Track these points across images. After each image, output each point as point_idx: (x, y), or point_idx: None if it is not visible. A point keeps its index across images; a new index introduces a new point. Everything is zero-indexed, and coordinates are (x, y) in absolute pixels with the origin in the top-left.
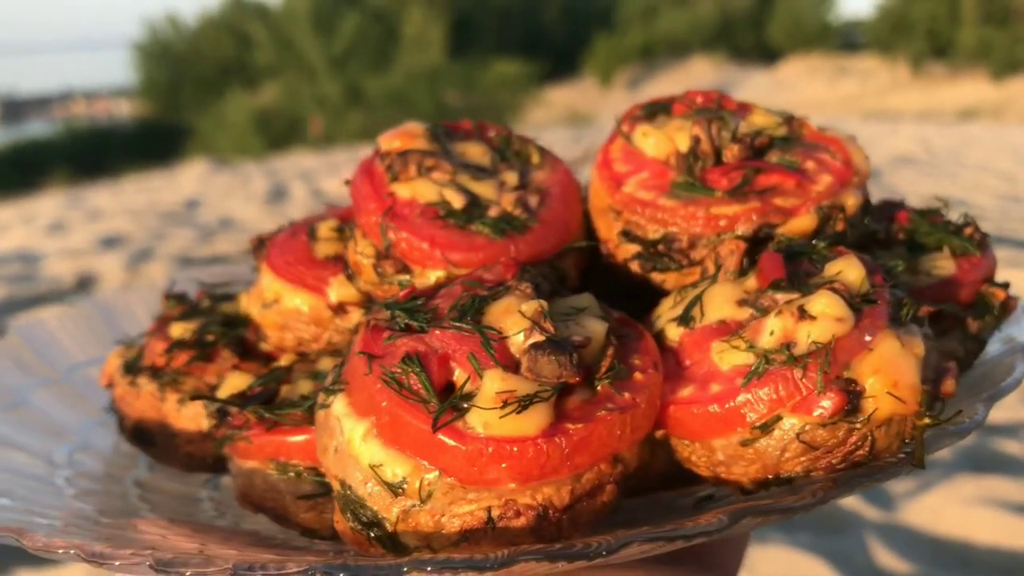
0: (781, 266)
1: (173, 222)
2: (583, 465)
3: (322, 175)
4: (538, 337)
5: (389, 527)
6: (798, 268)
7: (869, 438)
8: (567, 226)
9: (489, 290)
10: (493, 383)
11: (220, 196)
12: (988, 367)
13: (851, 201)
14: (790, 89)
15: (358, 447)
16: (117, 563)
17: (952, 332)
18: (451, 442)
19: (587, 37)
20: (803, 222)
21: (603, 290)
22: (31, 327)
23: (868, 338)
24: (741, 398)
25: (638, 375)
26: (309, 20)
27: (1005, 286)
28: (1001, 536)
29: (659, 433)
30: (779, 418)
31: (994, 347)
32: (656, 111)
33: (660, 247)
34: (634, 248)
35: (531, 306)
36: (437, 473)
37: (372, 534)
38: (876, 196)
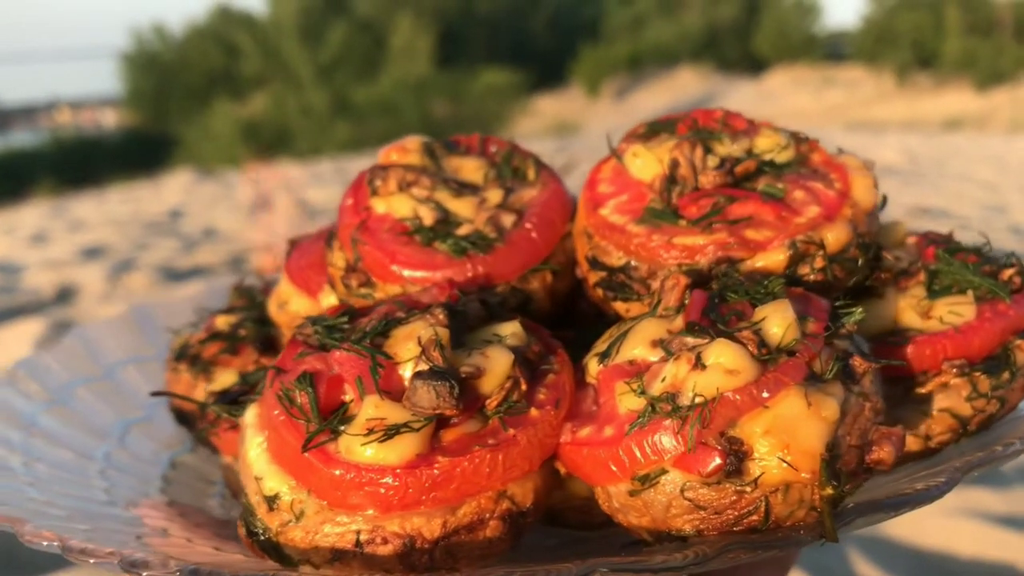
0: (700, 307)
1: (156, 232)
2: (450, 500)
3: (307, 185)
4: (423, 366)
5: (272, 538)
6: (730, 309)
7: (763, 504)
8: (535, 248)
9: (406, 313)
10: (367, 409)
11: (204, 206)
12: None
13: (834, 236)
14: (776, 99)
15: (251, 458)
16: (92, 561)
17: (949, 390)
18: (318, 464)
19: (574, 47)
20: (772, 257)
21: (593, 313)
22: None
23: (765, 395)
24: (624, 446)
25: (533, 411)
26: (296, 30)
27: None
28: (983, 547)
29: (563, 470)
30: (663, 471)
31: None
32: (659, 130)
33: (621, 275)
34: (600, 274)
35: (426, 333)
36: (307, 493)
37: (259, 543)
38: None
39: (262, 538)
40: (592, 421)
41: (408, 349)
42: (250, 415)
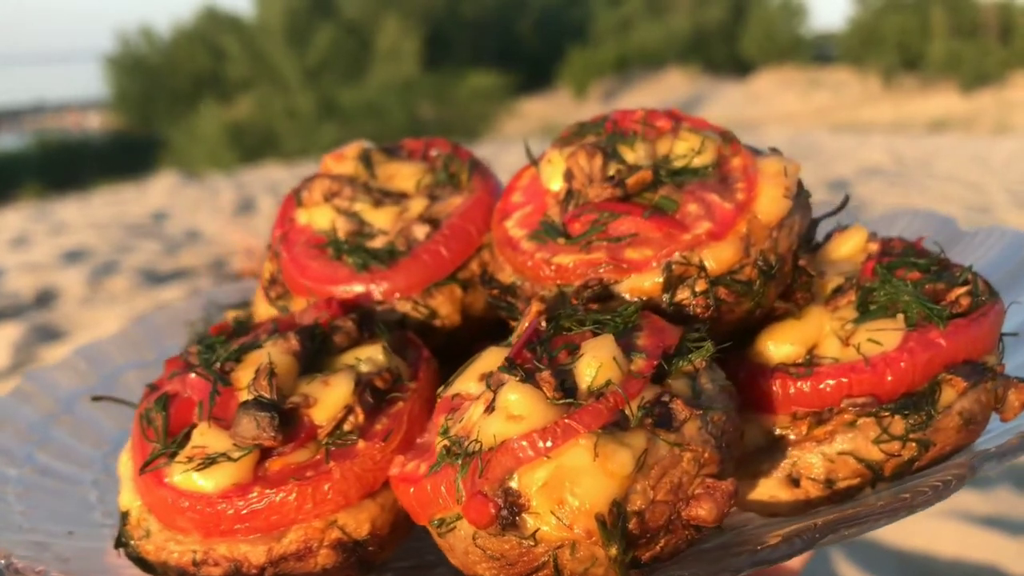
0: (526, 339)
1: (139, 235)
2: (269, 528)
3: (291, 188)
4: (249, 396)
5: (135, 549)
6: (564, 342)
7: (551, 559)
8: (439, 261)
9: (268, 335)
10: (195, 436)
11: (188, 209)
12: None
13: (717, 256)
14: (763, 101)
15: (121, 471)
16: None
17: (856, 430)
18: (152, 486)
19: (561, 50)
20: (646, 279)
21: None
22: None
23: (547, 444)
24: (421, 488)
25: (361, 443)
26: (283, 33)
27: (977, 374)
28: (966, 549)
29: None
30: (458, 516)
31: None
32: (588, 131)
33: (509, 294)
34: (492, 291)
35: (263, 362)
36: (148, 512)
37: (127, 552)
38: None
39: (127, 548)
40: (419, 455)
41: (248, 376)
42: (136, 431)
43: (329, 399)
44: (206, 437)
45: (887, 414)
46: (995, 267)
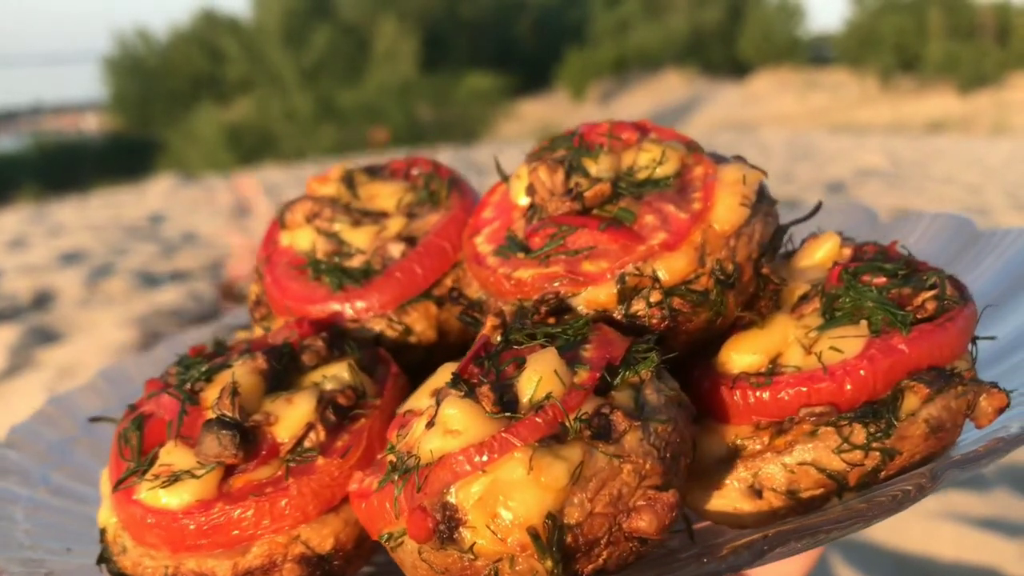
0: (474, 353)
1: (136, 237)
2: (232, 543)
3: (289, 190)
4: (211, 414)
5: (115, 565)
6: (513, 356)
7: (492, 572)
8: (412, 278)
9: (240, 355)
10: (162, 454)
11: (185, 211)
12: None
13: (669, 267)
14: (760, 102)
15: (102, 488)
16: None
17: (817, 440)
18: (124, 503)
19: (559, 51)
20: (602, 292)
21: None
22: None
23: (483, 459)
24: (369, 504)
25: (320, 460)
26: (280, 34)
27: (946, 378)
28: (963, 551)
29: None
30: (404, 531)
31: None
32: (559, 145)
33: (475, 310)
34: (460, 307)
35: (227, 381)
36: (122, 528)
37: (109, 568)
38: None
39: (109, 564)
40: (377, 471)
41: (216, 395)
42: (112, 446)
43: (291, 417)
44: (172, 455)
45: (846, 423)
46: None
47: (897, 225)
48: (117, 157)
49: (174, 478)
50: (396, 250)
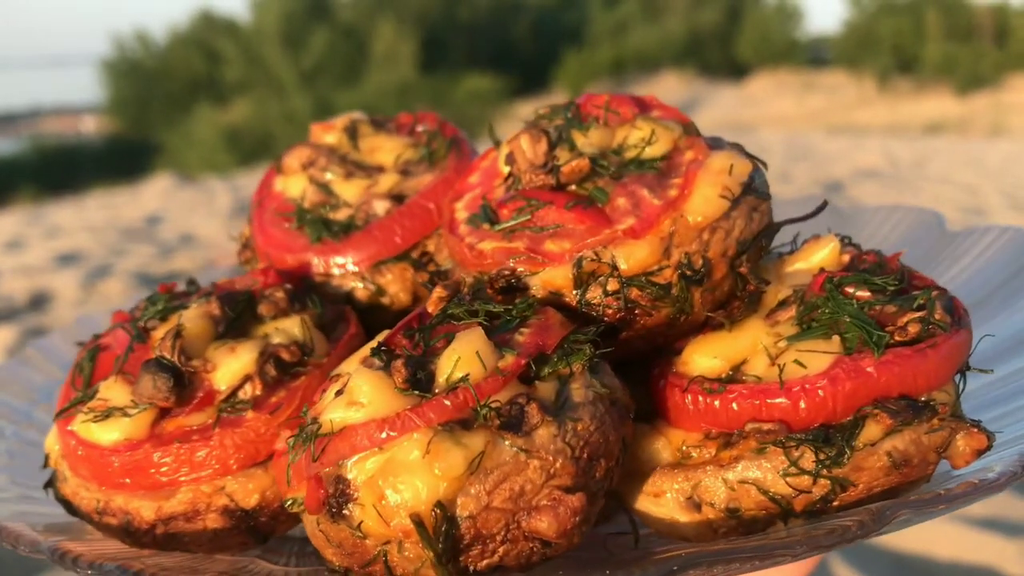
0: (402, 326)
1: (133, 239)
2: (155, 486)
3: None
4: (151, 355)
5: (59, 491)
6: (447, 331)
7: (381, 554)
8: (389, 238)
9: (199, 298)
10: (103, 388)
11: (183, 212)
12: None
13: (629, 255)
14: (758, 104)
15: (54, 416)
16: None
17: (763, 459)
18: (61, 431)
19: (557, 53)
20: (556, 275)
21: None
22: None
23: (382, 435)
24: (278, 467)
25: (250, 413)
26: (279, 36)
27: (913, 409)
28: (962, 551)
29: None
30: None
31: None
32: (557, 115)
33: (442, 278)
34: (422, 273)
35: (171, 323)
36: (62, 457)
37: (55, 494)
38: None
39: (55, 490)
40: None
41: (163, 335)
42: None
43: (230, 366)
44: (111, 391)
45: (794, 445)
46: (996, 269)
47: (960, 237)
48: (116, 159)
49: (106, 414)
50: (381, 207)
